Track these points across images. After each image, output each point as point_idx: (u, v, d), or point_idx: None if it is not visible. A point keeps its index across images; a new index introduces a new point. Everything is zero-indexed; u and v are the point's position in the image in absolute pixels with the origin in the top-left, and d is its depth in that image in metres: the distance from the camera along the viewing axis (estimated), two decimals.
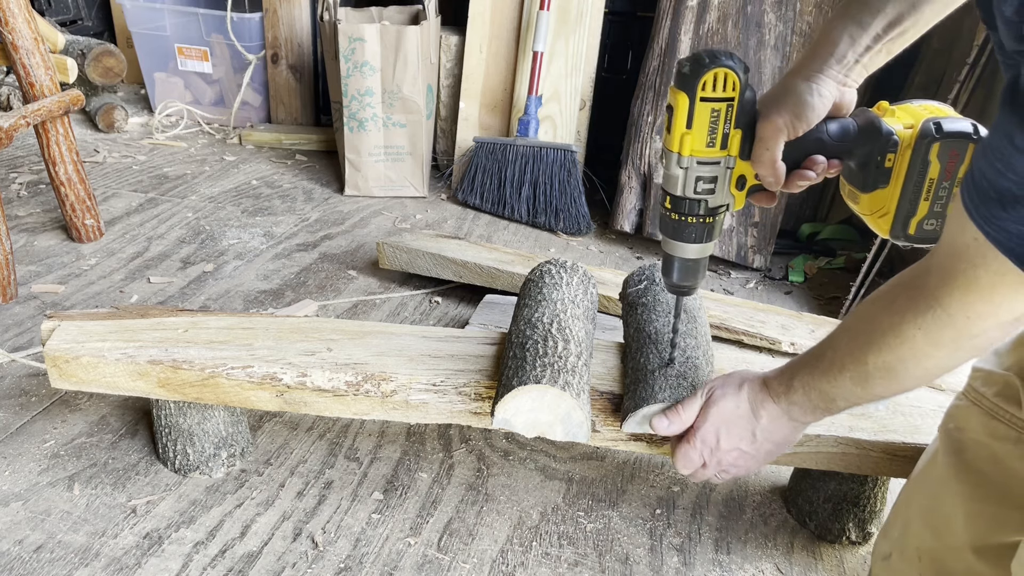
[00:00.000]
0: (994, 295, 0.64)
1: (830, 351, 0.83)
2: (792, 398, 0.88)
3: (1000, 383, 0.81)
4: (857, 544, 1.20)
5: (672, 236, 0.90)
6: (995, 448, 0.80)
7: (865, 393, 0.81)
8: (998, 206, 0.58)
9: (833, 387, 0.83)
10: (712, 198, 0.86)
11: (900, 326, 0.72)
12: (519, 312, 1.18)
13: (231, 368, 1.08)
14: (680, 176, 0.84)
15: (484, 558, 1.12)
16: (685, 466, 0.97)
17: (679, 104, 0.80)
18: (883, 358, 0.75)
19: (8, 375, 1.44)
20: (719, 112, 0.80)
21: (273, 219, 2.25)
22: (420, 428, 1.37)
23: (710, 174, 0.84)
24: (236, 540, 1.12)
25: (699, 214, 0.87)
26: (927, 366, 0.73)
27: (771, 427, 0.91)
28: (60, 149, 1.84)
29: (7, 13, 1.69)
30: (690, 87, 0.79)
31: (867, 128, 0.85)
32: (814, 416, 0.89)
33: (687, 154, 0.83)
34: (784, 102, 0.81)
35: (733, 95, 0.79)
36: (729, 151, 0.83)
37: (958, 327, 0.67)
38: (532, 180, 2.33)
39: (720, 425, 0.93)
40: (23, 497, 1.16)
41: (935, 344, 0.70)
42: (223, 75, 2.97)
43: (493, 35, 2.41)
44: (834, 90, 0.82)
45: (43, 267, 1.86)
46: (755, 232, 2.17)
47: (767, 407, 0.90)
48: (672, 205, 0.87)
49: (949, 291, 0.66)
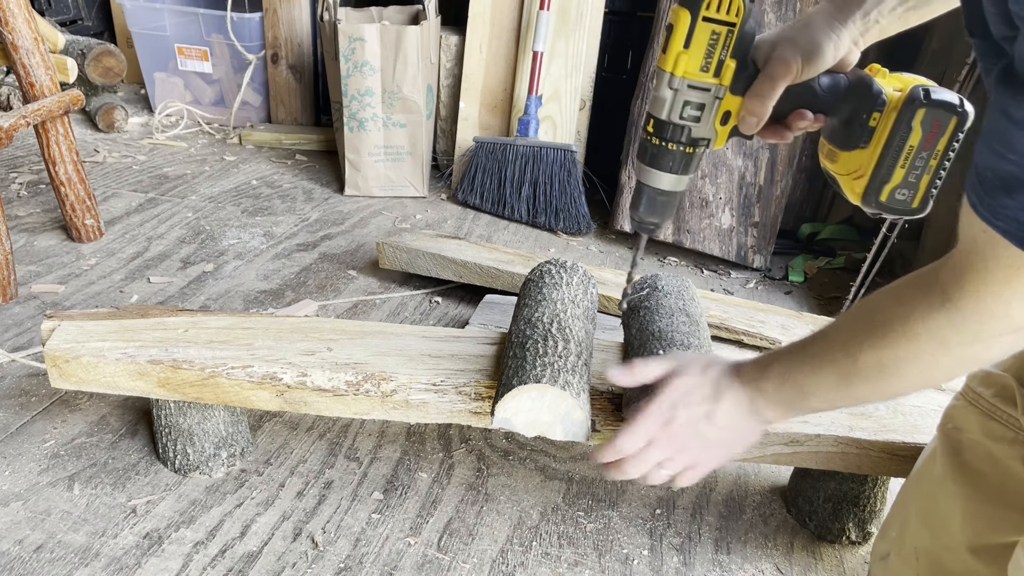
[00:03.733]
0: (1006, 290, 0.61)
1: (820, 342, 0.78)
2: (762, 386, 0.82)
3: (998, 384, 0.81)
4: (857, 544, 1.20)
5: (649, 163, 0.89)
6: (992, 448, 0.80)
7: (844, 394, 0.76)
8: (1003, 194, 0.56)
9: (812, 381, 0.77)
10: (696, 127, 0.85)
11: (907, 321, 0.67)
12: (519, 312, 1.18)
13: (231, 368, 1.08)
14: (668, 98, 0.84)
15: (484, 558, 1.12)
16: (630, 440, 0.86)
17: (680, 22, 0.80)
18: (879, 354, 0.70)
19: (8, 375, 1.44)
20: (719, 36, 0.79)
21: (273, 219, 2.25)
22: (420, 428, 1.37)
23: (699, 100, 0.83)
24: (236, 540, 1.12)
25: (681, 141, 0.86)
26: (925, 371, 0.69)
27: (732, 413, 0.84)
28: (60, 149, 1.84)
29: (7, 13, 1.69)
30: (694, 4, 0.78)
31: (858, 84, 0.85)
32: (778, 412, 0.82)
33: (680, 74, 0.82)
34: (800, 43, 0.80)
35: (736, 21, 0.78)
36: (721, 80, 0.82)
37: (970, 329, 0.63)
38: (532, 180, 2.33)
39: (679, 398, 0.85)
40: (23, 497, 1.16)
41: (942, 345, 0.66)
42: (223, 75, 2.97)
43: (493, 35, 2.41)
44: (848, 45, 0.82)
45: (43, 267, 1.86)
46: (755, 232, 2.17)
47: (733, 390, 0.84)
48: (655, 129, 0.86)
49: (960, 286, 0.63)
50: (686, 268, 2.22)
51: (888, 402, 1.13)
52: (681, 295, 1.22)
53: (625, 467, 0.88)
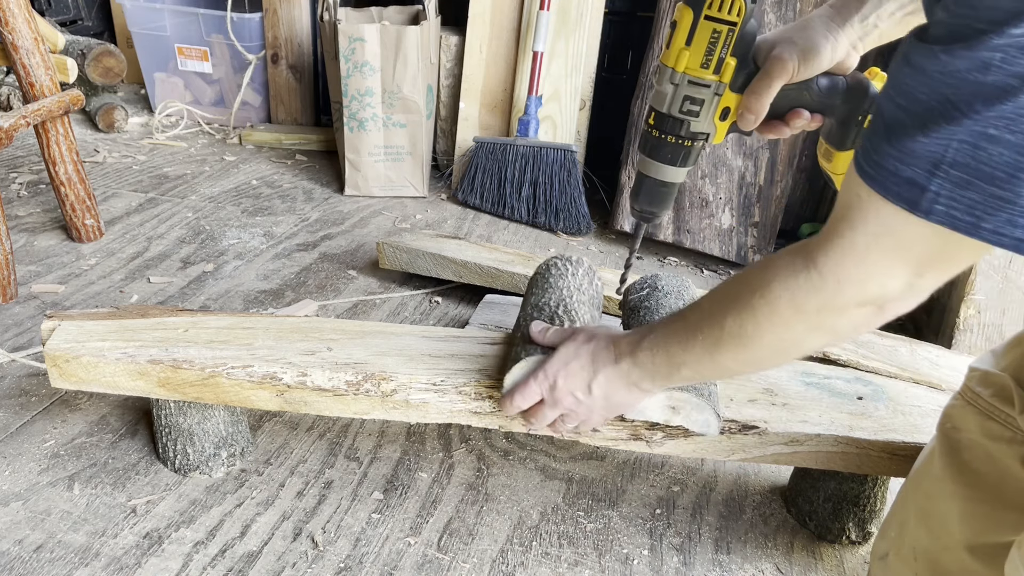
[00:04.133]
0: (867, 259, 0.62)
1: (692, 313, 0.81)
2: (637, 357, 0.85)
3: (997, 384, 0.81)
4: (857, 544, 1.20)
5: (649, 154, 0.92)
6: (990, 448, 0.80)
7: (712, 363, 0.78)
8: (885, 141, 0.57)
9: (684, 351, 0.80)
10: (695, 122, 0.88)
11: (769, 285, 0.70)
12: (527, 300, 1.19)
13: (231, 368, 1.08)
14: (669, 92, 0.86)
15: (484, 558, 1.12)
16: (524, 396, 0.94)
17: (683, 19, 0.82)
18: (741, 319, 0.72)
19: (8, 375, 1.44)
20: (719, 34, 0.82)
21: (273, 219, 2.25)
22: (420, 428, 1.37)
23: (698, 95, 0.86)
24: (236, 540, 1.12)
25: (679, 135, 0.89)
26: (783, 337, 0.71)
27: (607, 385, 0.89)
28: (60, 149, 1.84)
29: (7, 13, 1.69)
30: (697, 3, 0.81)
31: (855, 87, 0.87)
32: (653, 383, 0.87)
33: (681, 70, 0.84)
34: (799, 44, 0.82)
35: (737, 20, 0.81)
36: (721, 77, 0.85)
37: (826, 292, 0.65)
38: (532, 180, 2.33)
39: (561, 366, 0.92)
40: (23, 497, 1.16)
41: (798, 311, 0.68)
42: (223, 75, 2.97)
43: (493, 35, 2.41)
44: (846, 48, 0.84)
45: (43, 267, 1.86)
46: (755, 232, 2.17)
47: (606, 365, 0.89)
48: (656, 122, 0.90)
49: (825, 251, 0.65)
50: (686, 268, 2.22)
51: (887, 402, 1.13)
52: (681, 295, 1.22)
53: (526, 420, 0.98)
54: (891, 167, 0.57)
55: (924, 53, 0.54)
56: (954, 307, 1.68)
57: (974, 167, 0.52)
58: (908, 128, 0.55)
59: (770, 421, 1.06)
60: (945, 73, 0.52)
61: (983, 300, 1.64)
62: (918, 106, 0.54)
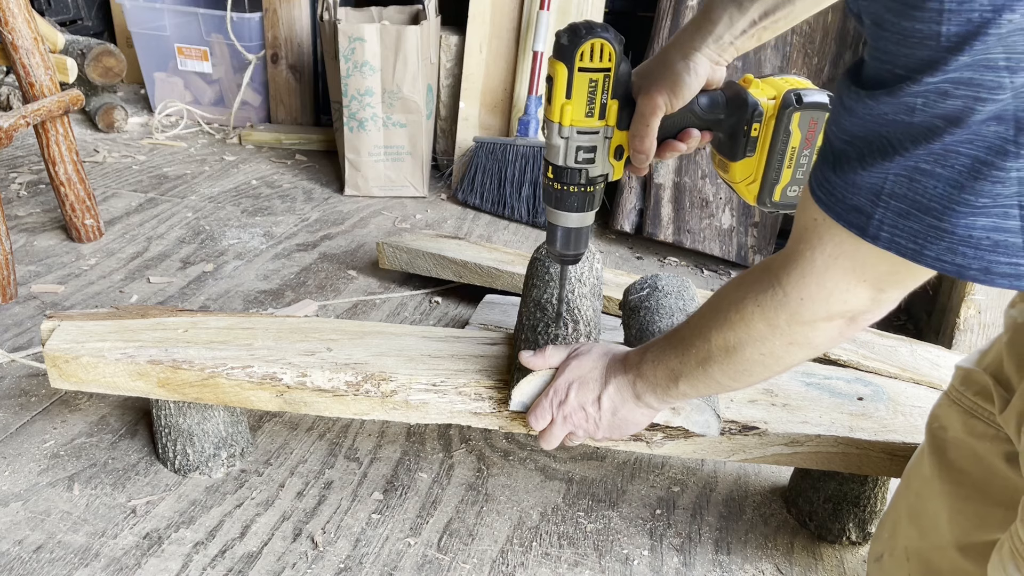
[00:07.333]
0: (826, 279, 0.65)
1: (686, 327, 0.83)
2: (642, 370, 0.88)
3: (979, 382, 0.82)
4: (857, 544, 1.20)
5: (555, 206, 0.93)
6: (975, 446, 0.81)
7: (706, 377, 0.81)
8: (831, 170, 0.59)
9: (681, 365, 0.83)
10: (592, 168, 0.89)
11: (742, 302, 0.73)
12: (528, 292, 1.20)
13: (231, 368, 1.08)
14: (561, 146, 0.87)
15: (484, 558, 1.12)
16: (537, 419, 0.97)
17: (558, 74, 0.83)
18: (724, 336, 0.76)
19: (8, 375, 1.44)
20: (596, 82, 0.83)
21: (273, 219, 2.25)
22: (420, 428, 1.37)
23: (589, 143, 0.87)
24: (236, 540, 1.11)
25: (580, 183, 0.90)
26: (763, 351, 0.74)
27: (616, 397, 0.91)
28: (60, 149, 1.84)
29: (7, 13, 1.69)
30: (568, 57, 0.82)
31: (734, 100, 0.89)
32: (655, 396, 0.89)
33: (567, 124, 0.85)
34: (663, 79, 0.85)
35: (609, 66, 0.82)
36: (607, 121, 0.86)
37: (791, 308, 0.68)
38: (532, 180, 2.33)
39: (573, 380, 0.94)
40: (23, 497, 1.16)
41: (771, 325, 0.71)
42: (223, 75, 2.97)
43: (493, 35, 2.41)
44: (708, 68, 0.87)
45: (43, 267, 1.86)
46: (755, 232, 2.17)
47: (617, 377, 0.91)
48: (554, 175, 0.90)
49: (787, 271, 0.67)
50: (686, 268, 2.22)
51: (888, 402, 1.13)
52: (681, 295, 1.22)
53: (542, 439, 0.99)
54: (839, 195, 0.59)
55: (853, 97, 0.56)
56: (954, 307, 1.68)
57: (912, 198, 0.54)
58: (851, 160, 0.57)
59: (770, 422, 1.06)
60: (874, 115, 0.54)
61: (983, 300, 1.64)
62: (857, 140, 0.57)
